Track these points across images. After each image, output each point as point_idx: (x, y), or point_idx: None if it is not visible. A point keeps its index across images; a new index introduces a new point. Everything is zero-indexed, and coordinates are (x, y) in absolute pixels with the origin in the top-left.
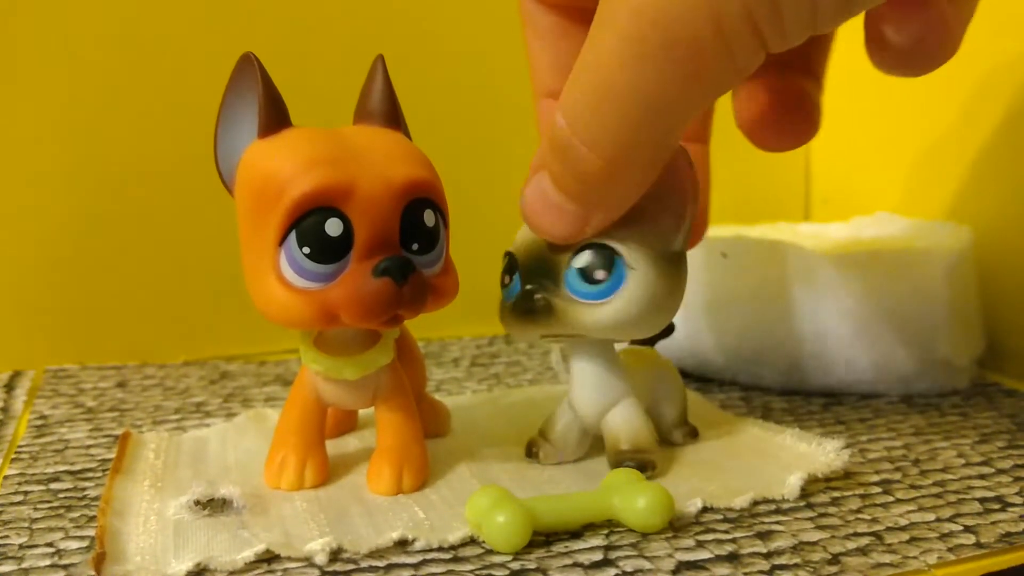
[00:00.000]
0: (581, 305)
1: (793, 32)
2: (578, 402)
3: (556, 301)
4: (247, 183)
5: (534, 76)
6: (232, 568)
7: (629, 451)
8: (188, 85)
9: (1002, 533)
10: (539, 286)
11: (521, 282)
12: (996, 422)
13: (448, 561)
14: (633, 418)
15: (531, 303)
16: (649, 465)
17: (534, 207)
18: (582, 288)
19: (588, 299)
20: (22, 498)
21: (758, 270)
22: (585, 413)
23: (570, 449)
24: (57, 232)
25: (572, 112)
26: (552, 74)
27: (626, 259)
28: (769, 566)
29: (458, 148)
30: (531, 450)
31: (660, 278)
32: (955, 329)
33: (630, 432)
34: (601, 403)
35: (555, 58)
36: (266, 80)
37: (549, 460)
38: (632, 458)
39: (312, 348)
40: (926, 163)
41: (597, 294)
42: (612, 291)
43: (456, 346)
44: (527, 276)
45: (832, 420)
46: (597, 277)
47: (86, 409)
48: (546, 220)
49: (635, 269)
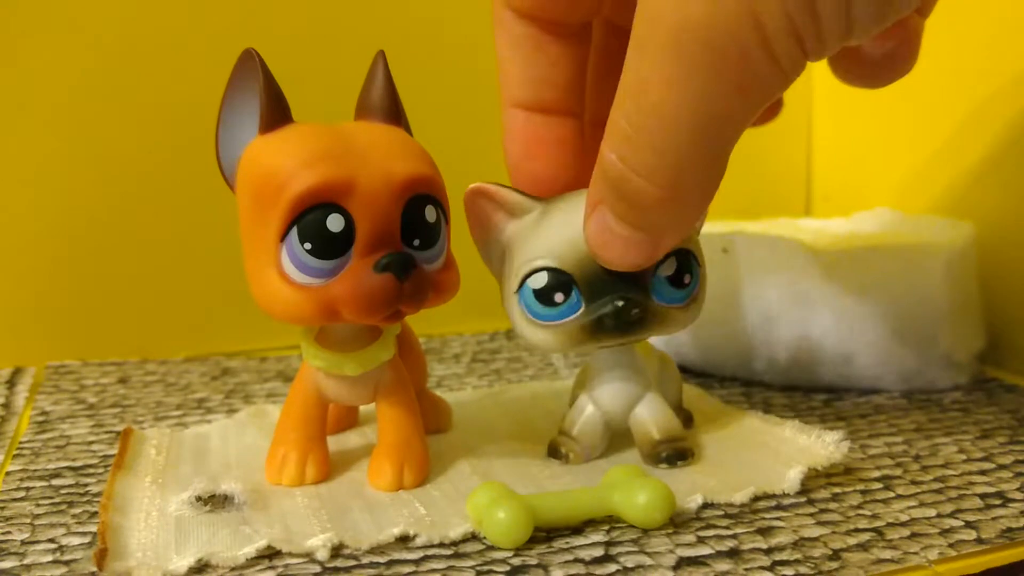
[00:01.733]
0: (671, 311)
1: (830, 40)
2: (606, 400)
3: (649, 310)
4: (248, 179)
5: (504, 84)
6: (233, 564)
7: (664, 441)
8: (189, 80)
9: (1003, 529)
10: (627, 300)
11: (588, 299)
12: (997, 418)
13: (449, 557)
14: (661, 409)
15: (627, 318)
16: (688, 452)
17: (601, 242)
18: (672, 294)
19: (678, 303)
20: (24, 494)
21: (759, 266)
22: (612, 409)
23: (596, 444)
24: (58, 228)
25: (621, 143)
26: (522, 85)
27: (698, 259)
28: (770, 562)
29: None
30: (558, 451)
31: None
32: (956, 324)
33: (663, 422)
34: (628, 399)
35: (525, 69)
36: (267, 76)
37: (579, 460)
38: (669, 448)
39: (313, 344)
40: (927, 159)
41: (684, 296)
42: (694, 290)
43: (457, 342)
44: (598, 293)
45: (833, 416)
46: (685, 281)
47: (88, 405)
48: (617, 253)
49: (700, 265)
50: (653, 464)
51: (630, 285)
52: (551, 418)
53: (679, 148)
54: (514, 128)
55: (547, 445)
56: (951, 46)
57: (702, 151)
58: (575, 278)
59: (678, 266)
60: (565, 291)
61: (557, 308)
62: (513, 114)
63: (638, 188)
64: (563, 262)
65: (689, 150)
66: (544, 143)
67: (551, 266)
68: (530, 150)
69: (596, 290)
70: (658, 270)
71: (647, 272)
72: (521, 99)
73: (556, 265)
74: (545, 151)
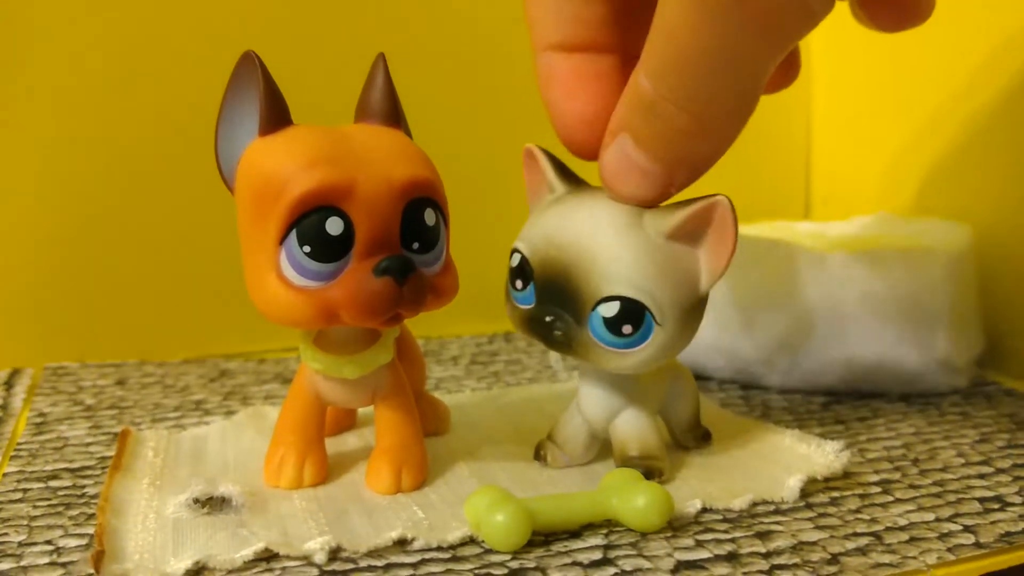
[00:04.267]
0: (602, 349)
1: None
2: (587, 407)
3: (576, 337)
4: (248, 181)
5: (533, 27)
6: (231, 567)
7: (637, 457)
8: (189, 83)
9: (1001, 533)
10: (558, 318)
11: (536, 301)
12: (996, 421)
13: (447, 560)
14: (642, 424)
15: (549, 334)
16: (656, 472)
17: (616, 170)
18: (606, 336)
19: (610, 347)
20: (21, 496)
21: (757, 269)
22: (593, 418)
23: (578, 453)
24: (56, 229)
25: (656, 72)
26: (556, 24)
27: (655, 315)
28: (768, 566)
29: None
30: (539, 453)
31: (684, 329)
32: (955, 328)
33: (639, 438)
34: (609, 409)
35: (557, 9)
36: (267, 78)
37: (557, 464)
38: (640, 464)
39: (312, 346)
40: (926, 162)
41: (622, 344)
42: (637, 344)
43: (455, 344)
44: (544, 298)
45: (832, 419)
46: (624, 331)
47: (85, 407)
48: (629, 183)
49: (662, 325)
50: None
51: (566, 303)
52: (549, 421)
53: (712, 82)
54: (552, 71)
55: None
56: (950, 50)
57: (732, 86)
58: (534, 275)
59: (619, 312)
60: (524, 281)
61: (519, 292)
62: (549, 57)
63: (668, 114)
64: (532, 253)
65: (721, 84)
66: (586, 80)
67: (523, 252)
68: (571, 90)
69: (544, 294)
70: (598, 307)
71: (585, 305)
72: (556, 40)
73: (527, 254)
74: (587, 88)
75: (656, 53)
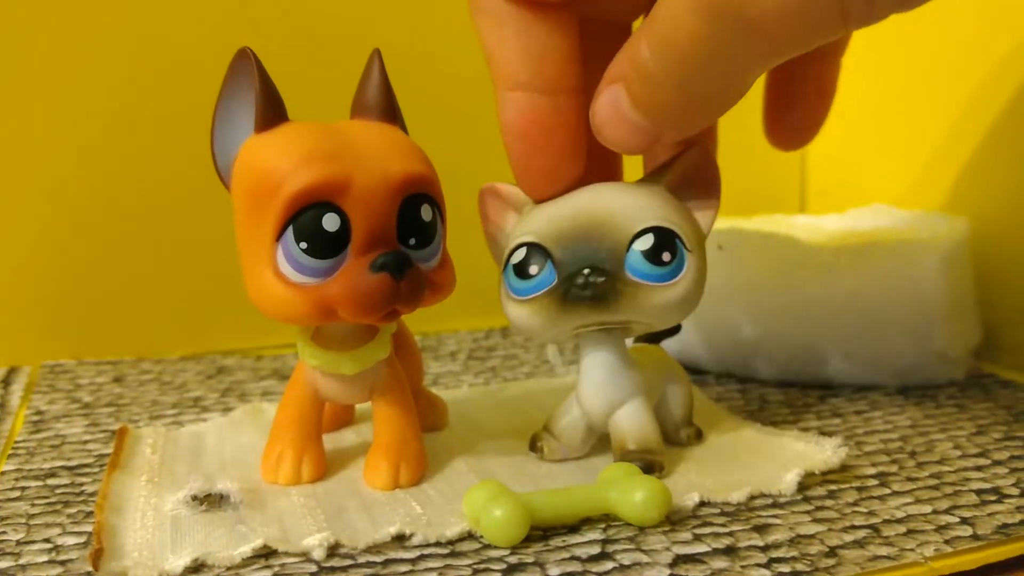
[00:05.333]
0: (648, 288)
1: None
2: (586, 399)
3: (617, 284)
4: (244, 178)
5: (497, 68)
6: (229, 563)
7: (636, 451)
8: (184, 79)
9: (999, 525)
10: (593, 269)
11: (560, 270)
12: (992, 413)
13: (446, 556)
14: (641, 418)
15: (595, 288)
16: (657, 467)
17: (606, 119)
18: (648, 270)
19: (655, 281)
20: (19, 494)
21: (754, 262)
22: (593, 411)
23: (575, 446)
24: (53, 227)
25: (656, 48)
26: (521, 63)
27: (685, 242)
28: (766, 559)
29: (454, 142)
30: (535, 444)
31: (705, 261)
32: (951, 320)
33: (638, 432)
34: (609, 401)
35: (521, 48)
36: (263, 75)
37: (553, 456)
38: (639, 459)
39: (309, 343)
40: (922, 154)
41: (664, 275)
42: (678, 272)
43: (453, 340)
44: (575, 262)
45: (828, 412)
46: (664, 259)
47: (83, 404)
48: (618, 132)
49: (692, 252)
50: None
51: (603, 258)
52: (547, 416)
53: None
54: (516, 116)
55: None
56: (946, 41)
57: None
58: (550, 251)
59: (655, 242)
60: (539, 263)
61: (532, 280)
62: (513, 99)
63: (659, 84)
64: (541, 237)
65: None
66: (551, 132)
67: (529, 241)
68: (538, 144)
69: (568, 262)
70: (633, 244)
71: (620, 246)
72: (522, 79)
73: (534, 240)
74: (553, 142)
75: (659, 30)
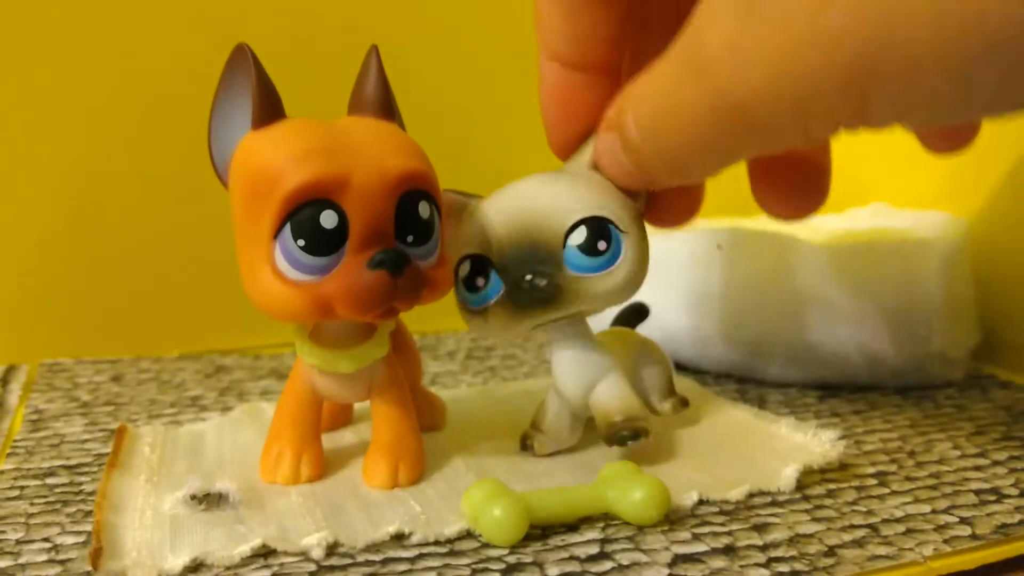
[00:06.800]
0: (589, 280)
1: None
2: (562, 386)
3: (560, 282)
4: (241, 175)
5: (542, 35)
6: (228, 563)
7: (621, 421)
8: (181, 77)
9: (998, 524)
10: (535, 273)
11: (505, 277)
12: (991, 414)
13: (444, 555)
14: (620, 389)
15: (540, 291)
16: (643, 431)
17: (605, 159)
18: (586, 263)
19: (594, 272)
20: (18, 493)
21: (753, 262)
22: (571, 394)
23: (564, 436)
24: (52, 226)
25: (640, 119)
26: (564, 40)
27: (619, 224)
28: (765, 559)
29: (452, 139)
30: (525, 443)
31: (644, 236)
32: (950, 321)
33: (620, 403)
34: (585, 381)
35: (568, 24)
36: (260, 71)
37: (544, 450)
38: (626, 427)
39: (307, 341)
40: (921, 154)
41: (603, 264)
42: (616, 258)
43: (451, 339)
44: (516, 268)
45: (828, 412)
46: (600, 248)
47: (81, 403)
48: (616, 174)
49: (627, 232)
50: (612, 444)
51: (542, 259)
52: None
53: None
54: (555, 86)
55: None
56: None
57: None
58: (491, 260)
59: (589, 234)
60: (484, 274)
61: (481, 292)
62: (551, 68)
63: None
64: (481, 247)
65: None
66: (585, 105)
67: (471, 252)
68: (570, 111)
69: (511, 269)
70: (568, 240)
71: (556, 245)
72: (562, 54)
73: (475, 251)
74: (584, 113)
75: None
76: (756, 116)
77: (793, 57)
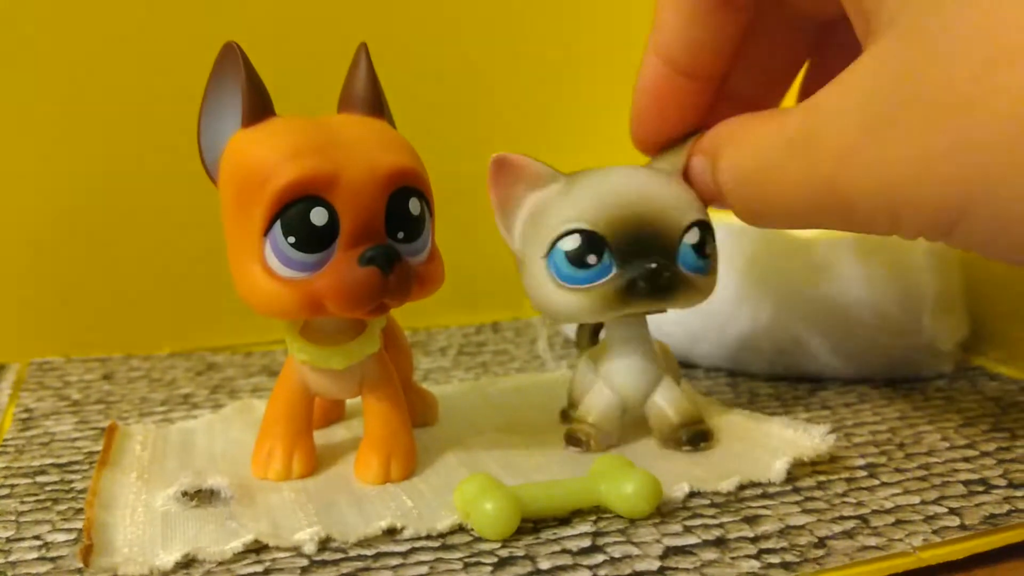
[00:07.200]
0: (696, 279)
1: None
2: (623, 383)
3: (676, 276)
4: (231, 173)
5: (657, 32)
6: (220, 559)
7: (684, 424)
8: (171, 75)
9: (986, 515)
10: (660, 265)
11: (620, 264)
12: (980, 405)
13: (436, 549)
14: (678, 394)
15: (662, 280)
16: (709, 434)
17: (696, 179)
18: (697, 263)
19: (701, 273)
20: (8, 491)
21: (742, 256)
22: (631, 394)
23: (613, 433)
24: (41, 224)
25: (736, 169)
26: (680, 45)
27: (713, 230)
28: (756, 550)
29: (442, 136)
30: (577, 439)
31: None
32: (939, 313)
33: (680, 408)
34: (647, 382)
35: (689, 32)
36: (249, 69)
37: (600, 447)
38: (690, 431)
39: (298, 338)
40: None
41: (706, 267)
42: (712, 263)
43: (443, 335)
44: (630, 256)
45: (818, 405)
46: (707, 251)
47: (72, 402)
48: (701, 193)
49: (715, 240)
50: (674, 448)
51: (659, 250)
52: (538, 410)
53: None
54: (653, 81)
55: (563, 435)
56: None
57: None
58: (608, 241)
59: (700, 236)
60: (598, 253)
61: (589, 270)
62: (653, 63)
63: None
64: (596, 225)
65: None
66: (680, 108)
67: (584, 228)
68: (663, 110)
69: (627, 254)
70: (684, 238)
71: (674, 240)
72: (673, 57)
73: (589, 228)
74: (677, 114)
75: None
76: (854, 213)
77: (906, 182)
